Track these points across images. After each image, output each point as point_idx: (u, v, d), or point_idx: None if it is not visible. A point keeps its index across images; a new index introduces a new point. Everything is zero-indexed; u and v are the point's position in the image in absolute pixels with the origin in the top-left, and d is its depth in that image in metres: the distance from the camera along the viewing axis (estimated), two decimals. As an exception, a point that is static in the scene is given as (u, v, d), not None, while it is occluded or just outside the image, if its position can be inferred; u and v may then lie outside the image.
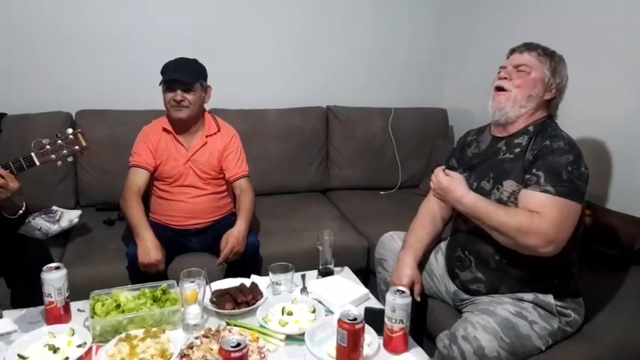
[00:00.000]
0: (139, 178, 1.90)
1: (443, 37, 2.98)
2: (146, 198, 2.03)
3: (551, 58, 1.45)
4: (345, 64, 2.85)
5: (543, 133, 1.41)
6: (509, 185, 1.40)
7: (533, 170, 1.34)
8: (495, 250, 1.44)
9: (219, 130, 1.99)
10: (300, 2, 2.70)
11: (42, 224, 2.02)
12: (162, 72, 1.86)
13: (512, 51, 1.51)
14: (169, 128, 1.94)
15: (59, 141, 1.59)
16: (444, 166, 1.52)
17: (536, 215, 1.28)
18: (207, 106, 2.02)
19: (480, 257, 1.48)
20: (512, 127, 1.47)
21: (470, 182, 1.50)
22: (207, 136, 1.96)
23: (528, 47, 1.47)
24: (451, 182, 1.44)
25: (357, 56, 2.86)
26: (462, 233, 1.55)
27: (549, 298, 1.40)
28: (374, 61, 2.90)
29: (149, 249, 1.71)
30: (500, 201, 1.42)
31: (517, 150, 1.44)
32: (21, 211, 1.59)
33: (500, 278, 1.44)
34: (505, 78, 1.46)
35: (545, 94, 1.44)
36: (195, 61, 1.90)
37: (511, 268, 1.42)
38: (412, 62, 2.97)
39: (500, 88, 1.46)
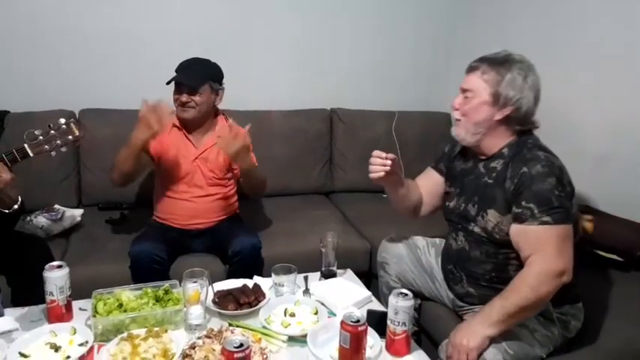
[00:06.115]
0: None
1: (447, 40, 2.98)
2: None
3: (499, 71, 1.36)
4: (349, 67, 2.85)
5: (519, 157, 1.37)
6: (492, 215, 1.39)
7: (523, 203, 1.30)
8: (485, 270, 1.44)
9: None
10: (305, 5, 2.70)
11: (44, 223, 2.02)
12: (176, 71, 1.87)
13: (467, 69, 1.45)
14: (179, 125, 1.95)
15: (52, 131, 1.56)
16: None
17: (533, 259, 1.27)
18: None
19: (471, 275, 1.48)
20: (486, 149, 1.46)
21: (459, 202, 1.52)
22: (219, 137, 1.91)
23: (473, 66, 1.41)
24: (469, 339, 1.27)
25: (361, 59, 2.86)
26: (453, 250, 1.55)
27: (547, 306, 1.38)
28: (378, 65, 2.90)
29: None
30: (485, 230, 1.41)
31: (494, 174, 1.42)
32: (16, 206, 1.56)
33: (493, 295, 1.37)
34: (456, 109, 1.44)
35: (495, 115, 1.38)
36: (207, 62, 1.91)
37: (503, 284, 1.35)
38: (417, 66, 2.97)
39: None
